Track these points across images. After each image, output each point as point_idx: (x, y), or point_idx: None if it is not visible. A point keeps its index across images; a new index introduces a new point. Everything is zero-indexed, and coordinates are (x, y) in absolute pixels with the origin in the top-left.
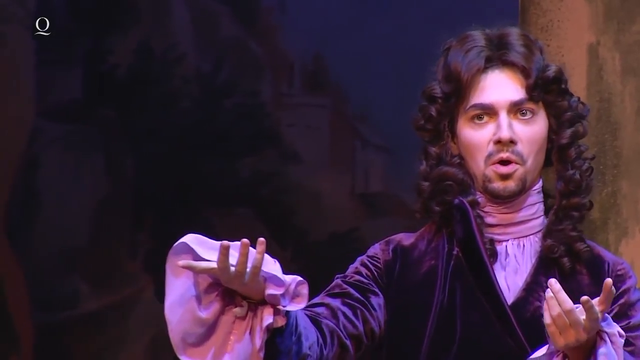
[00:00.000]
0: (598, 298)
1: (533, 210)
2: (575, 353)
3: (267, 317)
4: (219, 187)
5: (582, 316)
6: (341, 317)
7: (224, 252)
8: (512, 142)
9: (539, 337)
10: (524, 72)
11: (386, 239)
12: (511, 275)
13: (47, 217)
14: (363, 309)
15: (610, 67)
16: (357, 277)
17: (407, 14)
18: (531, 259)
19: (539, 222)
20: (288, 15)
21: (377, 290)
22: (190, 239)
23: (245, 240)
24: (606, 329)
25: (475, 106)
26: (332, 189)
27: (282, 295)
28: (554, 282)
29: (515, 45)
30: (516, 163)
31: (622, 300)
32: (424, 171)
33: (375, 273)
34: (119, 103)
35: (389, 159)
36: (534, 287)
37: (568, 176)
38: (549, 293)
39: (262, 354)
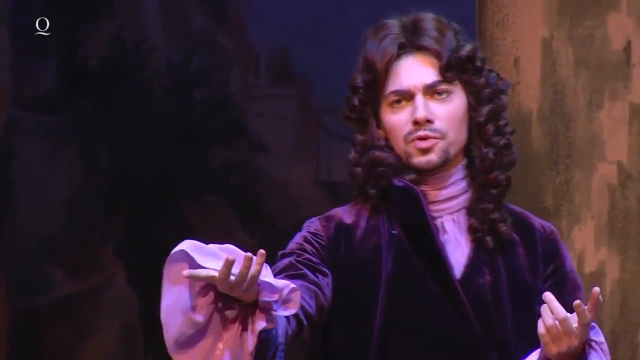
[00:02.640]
0: (585, 307)
1: (462, 185)
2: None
3: (261, 322)
4: (190, 176)
5: (574, 324)
6: (300, 299)
7: (229, 266)
8: (428, 121)
9: (485, 313)
10: (436, 55)
11: (325, 215)
12: (452, 251)
13: (22, 205)
14: (317, 289)
15: (564, 60)
16: (307, 255)
17: (369, 7)
18: (468, 234)
19: (467, 197)
20: (255, 9)
21: (325, 269)
22: (187, 246)
23: (249, 254)
24: (595, 338)
25: (393, 92)
26: (298, 178)
27: (275, 301)
28: (548, 294)
29: (428, 30)
30: (435, 138)
31: (565, 270)
32: (354, 158)
33: (320, 250)
34: (92, 94)
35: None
36: (477, 263)
37: (482, 154)
38: (544, 305)
39: (253, 355)
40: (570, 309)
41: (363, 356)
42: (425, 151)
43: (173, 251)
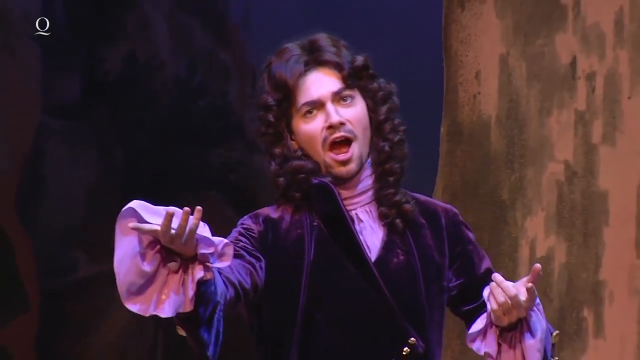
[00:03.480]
0: (525, 279)
1: (370, 181)
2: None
3: (199, 272)
4: (193, 174)
5: (522, 298)
6: (237, 274)
7: (169, 219)
8: (341, 123)
9: (400, 288)
10: (338, 67)
11: (254, 213)
12: (368, 236)
13: (50, 198)
14: (252, 269)
15: (518, 73)
16: (242, 244)
17: (351, 28)
18: (380, 221)
19: (375, 190)
20: (251, 30)
21: (259, 255)
22: (136, 204)
23: (186, 208)
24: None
25: (306, 104)
26: None
27: (212, 254)
28: (497, 275)
29: (325, 47)
30: (351, 139)
31: (471, 247)
32: (275, 170)
33: (253, 241)
34: (109, 103)
35: None
36: (391, 245)
37: (379, 148)
38: (493, 284)
39: (193, 302)
40: (481, 279)
41: (290, 331)
42: (344, 163)
43: (123, 209)
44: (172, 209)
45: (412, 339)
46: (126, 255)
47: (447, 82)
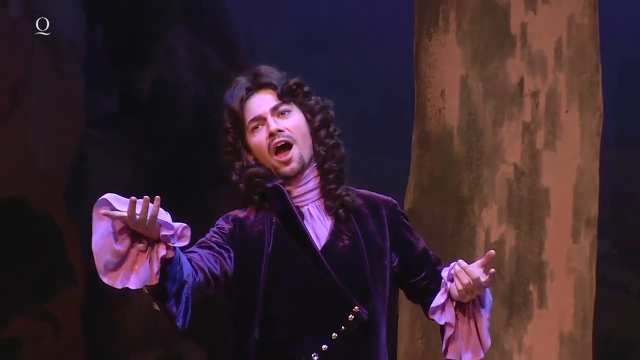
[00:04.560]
0: (480, 261)
1: (316, 181)
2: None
3: (162, 250)
4: (209, 174)
5: (482, 279)
6: (206, 261)
7: (133, 206)
8: (279, 130)
9: (346, 267)
10: (273, 86)
11: (226, 215)
12: (318, 227)
13: (92, 193)
14: (220, 257)
15: (476, 91)
16: (215, 239)
17: (339, 56)
18: (329, 214)
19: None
20: (257, 56)
21: (229, 247)
22: (108, 196)
23: (146, 197)
24: None
25: (251, 121)
26: None
27: (172, 235)
28: (461, 261)
29: (264, 73)
30: (290, 143)
31: (407, 232)
32: (236, 180)
33: (224, 237)
34: (141, 117)
35: None
36: (337, 233)
37: (317, 152)
38: (457, 268)
39: (158, 276)
40: (419, 258)
41: (253, 308)
42: (287, 163)
43: (98, 199)
44: (134, 198)
45: (356, 307)
46: (101, 237)
47: (417, 98)
